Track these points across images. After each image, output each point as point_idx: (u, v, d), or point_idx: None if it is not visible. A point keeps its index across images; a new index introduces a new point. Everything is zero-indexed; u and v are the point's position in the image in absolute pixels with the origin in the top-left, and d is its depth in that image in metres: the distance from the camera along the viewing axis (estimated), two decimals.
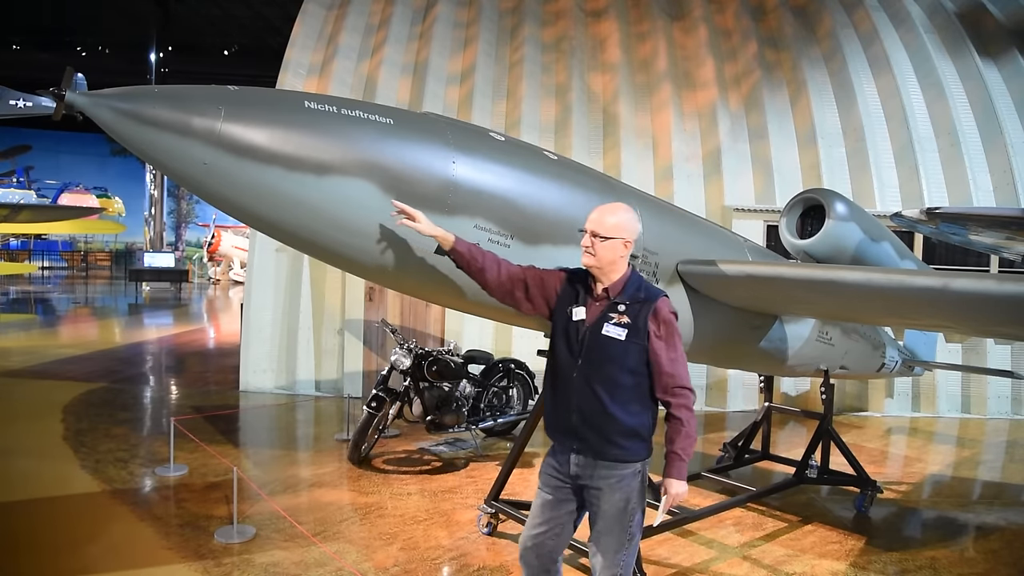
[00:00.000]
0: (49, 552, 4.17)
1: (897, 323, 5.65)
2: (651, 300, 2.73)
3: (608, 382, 2.69)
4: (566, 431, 2.77)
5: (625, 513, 2.73)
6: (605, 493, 2.73)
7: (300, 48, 9.98)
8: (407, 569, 4.06)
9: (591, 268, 2.76)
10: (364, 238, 2.87)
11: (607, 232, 2.72)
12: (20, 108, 17.82)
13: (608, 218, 2.75)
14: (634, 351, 2.68)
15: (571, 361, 2.75)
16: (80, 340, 13.02)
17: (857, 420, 8.81)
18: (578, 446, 2.75)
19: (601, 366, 2.69)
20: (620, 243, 2.74)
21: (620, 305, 2.72)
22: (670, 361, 2.70)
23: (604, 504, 2.73)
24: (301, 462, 6.18)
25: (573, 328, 2.77)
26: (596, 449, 2.72)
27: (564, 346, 2.79)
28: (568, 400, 2.75)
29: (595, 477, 2.73)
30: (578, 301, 2.81)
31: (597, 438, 2.71)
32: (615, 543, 2.73)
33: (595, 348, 2.70)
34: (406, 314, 8.62)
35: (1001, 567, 4.48)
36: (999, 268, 8.96)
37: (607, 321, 2.71)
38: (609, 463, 2.72)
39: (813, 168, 9.41)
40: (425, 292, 3.42)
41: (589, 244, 2.73)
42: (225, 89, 2.55)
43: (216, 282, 30.39)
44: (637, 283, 2.79)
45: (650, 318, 2.69)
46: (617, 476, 2.73)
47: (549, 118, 9.78)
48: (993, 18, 10.37)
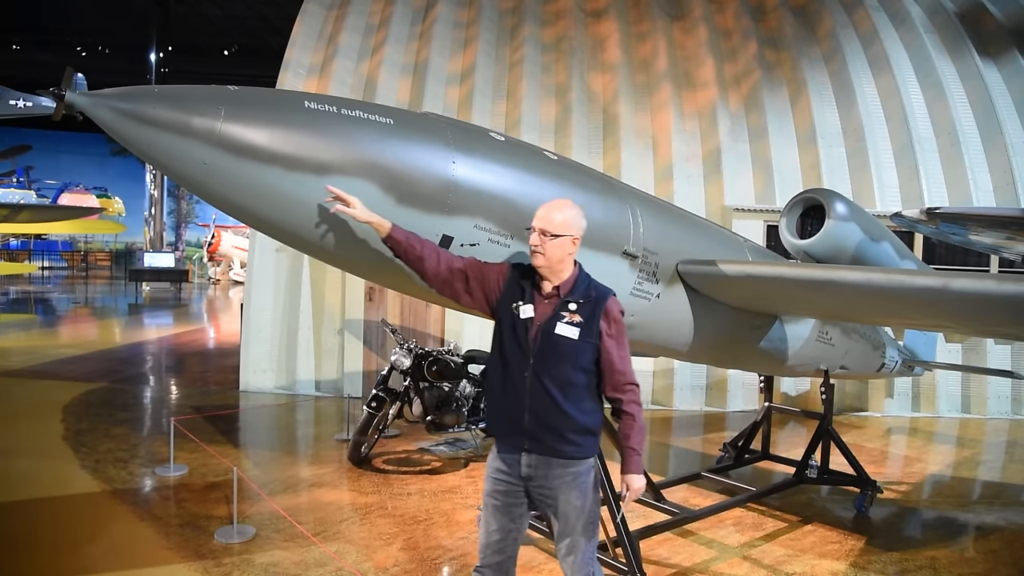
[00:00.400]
0: (49, 552, 4.17)
1: (897, 323, 5.65)
2: (602, 299, 2.75)
3: (561, 381, 2.68)
4: (517, 431, 2.74)
5: (584, 511, 2.74)
6: (562, 492, 2.72)
7: (300, 48, 9.98)
8: (407, 569, 4.06)
9: (540, 268, 2.75)
10: (363, 239, 2.87)
11: (556, 230, 2.71)
12: (20, 108, 17.82)
13: (556, 215, 2.73)
14: (587, 350, 2.70)
15: (522, 360, 2.72)
16: (80, 340, 13.02)
17: (857, 420, 8.81)
18: (530, 446, 2.72)
19: (554, 365, 2.68)
20: (569, 240, 2.74)
21: (572, 304, 2.72)
22: (620, 359, 2.73)
23: (562, 505, 2.73)
24: (301, 462, 6.19)
25: (521, 326, 2.75)
26: (551, 448, 2.70)
27: (512, 344, 2.75)
28: (520, 400, 2.71)
29: (550, 477, 2.72)
30: (524, 298, 2.78)
31: (551, 437, 2.70)
32: (583, 541, 2.75)
33: (548, 347, 2.69)
34: (406, 314, 8.62)
35: (1001, 567, 4.48)
36: (999, 268, 8.96)
37: (559, 320, 2.70)
38: (565, 461, 2.72)
39: (813, 168, 9.41)
40: (428, 295, 3.42)
41: (538, 243, 2.71)
42: (225, 89, 2.55)
43: (216, 282, 30.40)
44: (587, 281, 2.80)
45: (602, 317, 2.71)
46: (572, 474, 2.73)
47: (549, 118, 9.78)
48: (993, 18, 10.37)
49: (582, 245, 3.43)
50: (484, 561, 2.84)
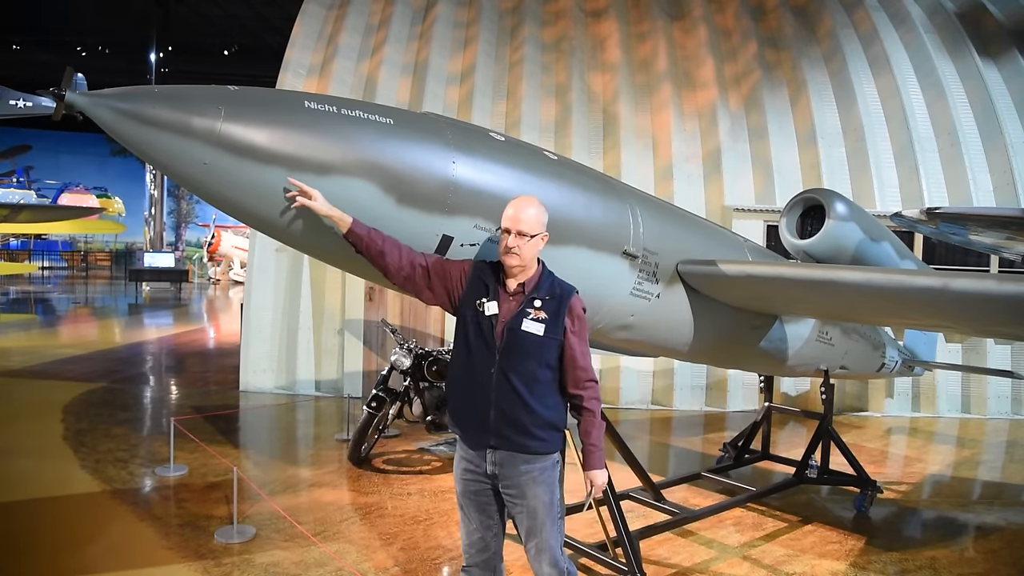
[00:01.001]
0: (49, 552, 4.17)
1: (897, 323, 5.65)
2: (566, 296, 2.78)
3: (527, 377, 2.71)
4: (482, 429, 2.76)
5: (552, 505, 2.78)
6: (529, 488, 2.74)
7: (300, 48, 9.98)
8: (407, 569, 4.06)
9: (514, 267, 2.76)
10: None
11: (531, 230, 2.73)
12: (20, 108, 17.82)
13: (528, 213, 2.74)
14: (552, 346, 2.72)
15: (487, 357, 2.73)
16: (80, 340, 13.02)
17: (857, 420, 8.81)
18: (496, 442, 2.74)
19: (520, 361, 2.70)
20: (540, 238, 2.77)
21: (537, 300, 2.74)
22: (582, 355, 2.77)
23: (531, 500, 2.75)
24: (301, 462, 6.18)
25: (487, 323, 2.75)
26: (517, 443, 2.73)
27: (478, 342, 2.76)
28: (486, 397, 2.73)
29: (516, 473, 2.75)
30: (489, 295, 2.78)
31: (517, 433, 2.72)
32: (554, 535, 2.78)
33: (514, 343, 2.71)
34: (406, 314, 8.62)
35: (1001, 567, 4.48)
36: (999, 268, 8.96)
37: (525, 316, 2.72)
38: (531, 456, 2.74)
39: (813, 168, 9.41)
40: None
41: (515, 244, 2.71)
42: (225, 89, 2.55)
43: (216, 282, 30.39)
44: (550, 278, 2.83)
45: (567, 313, 2.75)
46: (538, 469, 2.75)
47: (549, 118, 9.78)
48: (993, 18, 10.37)
49: (582, 245, 3.44)
50: (469, 560, 2.89)
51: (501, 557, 2.92)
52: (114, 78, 6.31)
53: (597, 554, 3.91)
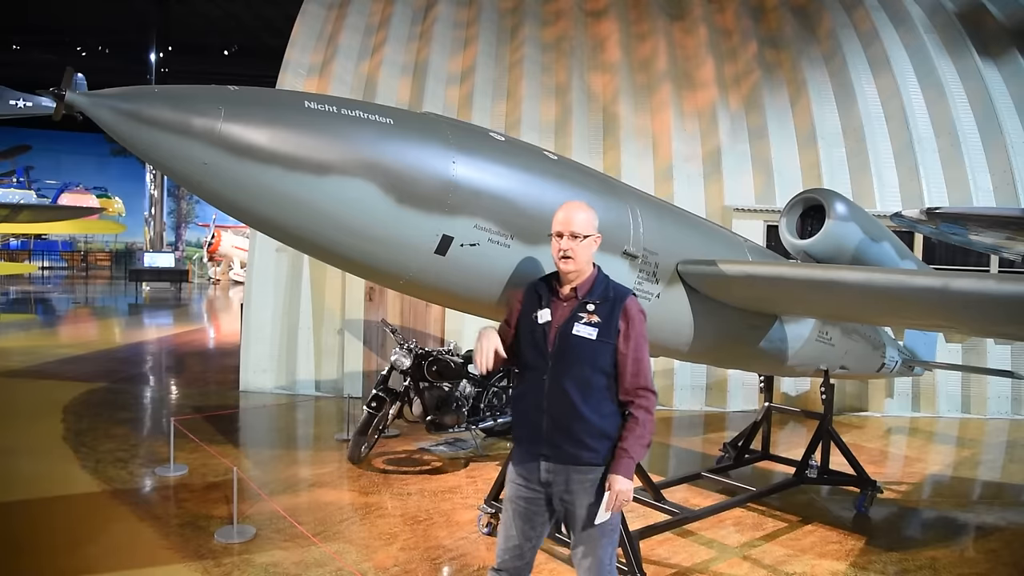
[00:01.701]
0: (49, 552, 4.17)
1: (897, 323, 5.65)
2: (621, 299, 2.71)
3: (580, 382, 2.65)
4: (536, 438, 2.71)
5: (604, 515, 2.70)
6: (579, 498, 2.67)
7: (300, 48, 9.98)
8: (407, 569, 4.06)
9: (570, 272, 2.72)
10: (364, 239, 2.87)
11: (583, 230, 2.70)
12: (20, 108, 17.84)
13: (578, 216, 2.72)
14: (605, 351, 2.66)
15: (541, 364, 2.70)
16: (80, 340, 13.02)
17: (857, 420, 8.81)
18: (548, 452, 2.69)
19: (572, 366, 2.65)
20: (593, 240, 2.74)
21: (590, 304, 2.69)
22: (636, 361, 2.68)
23: (579, 510, 2.68)
24: (301, 462, 6.18)
25: (540, 331, 2.72)
26: (569, 454, 2.66)
27: (532, 351, 2.74)
28: (539, 404, 2.70)
29: (569, 482, 2.68)
30: (542, 304, 2.77)
31: (569, 442, 2.66)
32: (601, 547, 2.70)
33: (566, 348, 2.66)
34: (406, 314, 8.62)
35: (1001, 567, 4.48)
36: (999, 268, 8.96)
37: (577, 321, 2.67)
38: (583, 467, 2.67)
39: (813, 168, 9.41)
40: (422, 294, 3.42)
41: (568, 247, 2.68)
42: (225, 89, 2.55)
43: (216, 282, 30.38)
44: (605, 282, 2.78)
45: (620, 317, 2.68)
46: (591, 480, 2.67)
47: (549, 118, 9.77)
48: (993, 18, 10.37)
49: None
50: (502, 564, 2.81)
51: (532, 567, 2.86)
52: (114, 78, 6.30)
53: None
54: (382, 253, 2.96)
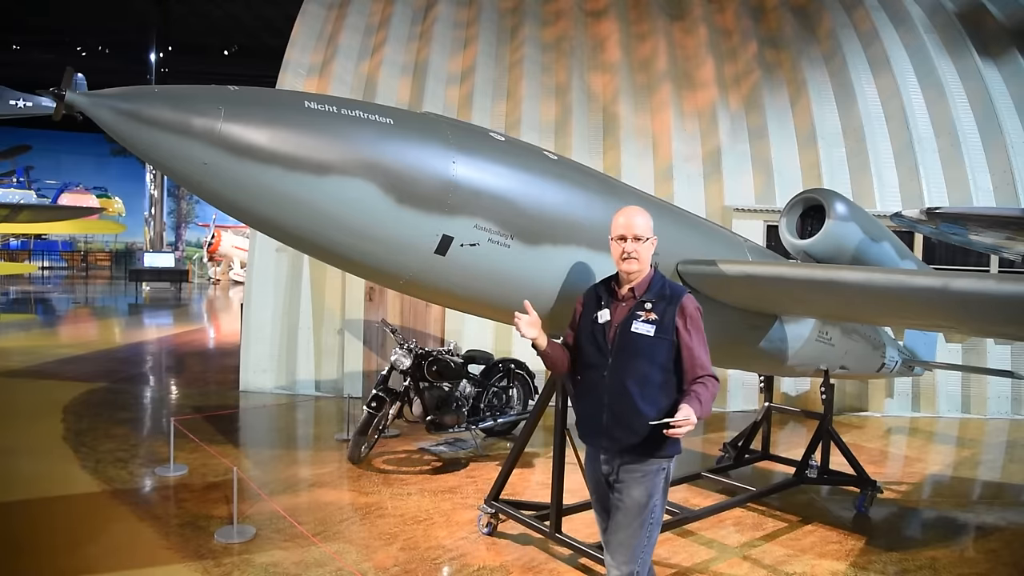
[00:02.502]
0: (49, 552, 4.17)
1: (897, 323, 5.65)
2: (677, 297, 2.84)
3: (639, 378, 2.76)
4: (597, 432, 2.85)
5: (645, 508, 2.77)
6: (628, 487, 2.79)
7: (300, 48, 9.98)
8: (407, 569, 4.06)
9: (632, 272, 2.86)
10: (364, 239, 2.87)
11: (644, 233, 2.86)
12: (20, 108, 17.84)
13: (639, 220, 2.88)
14: (663, 347, 2.77)
15: (601, 361, 2.84)
16: (80, 340, 13.02)
17: (857, 420, 8.81)
18: (607, 444, 2.83)
19: (631, 362, 2.77)
20: (651, 242, 2.91)
21: (647, 303, 2.83)
22: (699, 354, 2.80)
23: (627, 499, 2.79)
24: (301, 462, 6.18)
25: (599, 330, 2.88)
26: (625, 445, 2.79)
27: (592, 349, 2.89)
28: (600, 400, 2.82)
29: (620, 471, 2.82)
30: (601, 306, 2.91)
31: (625, 433, 2.78)
32: (632, 536, 2.77)
33: (625, 345, 2.79)
34: (406, 314, 8.62)
35: (1001, 567, 4.48)
36: (999, 268, 8.96)
37: (635, 319, 2.80)
38: (635, 457, 2.79)
39: (813, 168, 9.41)
40: (422, 294, 3.42)
41: (632, 249, 2.82)
42: (225, 89, 2.56)
43: (216, 282, 30.38)
44: (661, 281, 2.91)
45: (677, 314, 2.79)
46: (642, 471, 2.79)
47: (549, 118, 9.77)
48: (993, 18, 10.37)
49: (582, 245, 3.44)
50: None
51: None
52: (114, 78, 6.29)
53: (597, 554, 3.91)
54: (382, 253, 2.96)
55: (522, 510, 4.49)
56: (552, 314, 3.64)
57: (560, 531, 4.12)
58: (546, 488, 4.57)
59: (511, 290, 3.35)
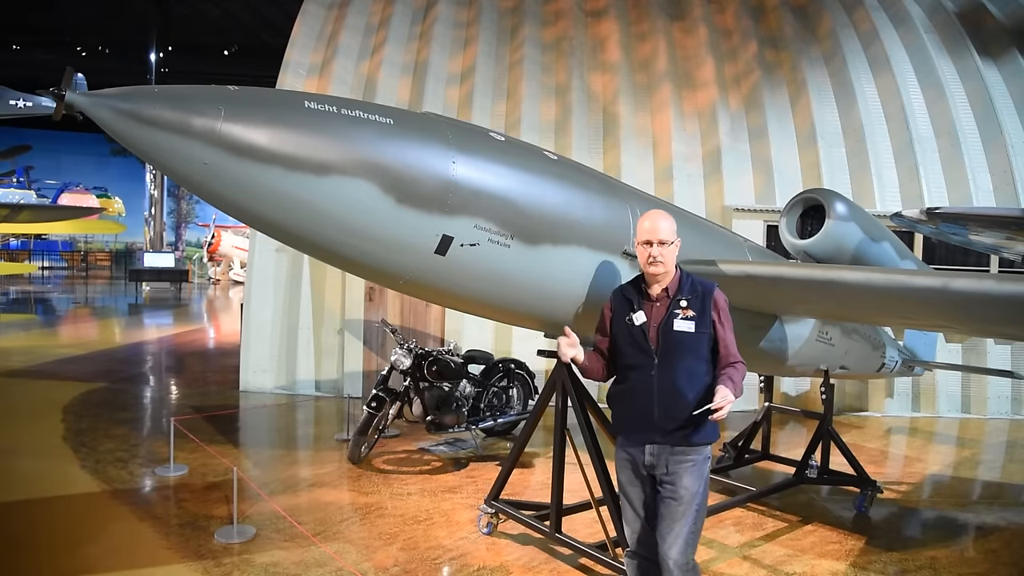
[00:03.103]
0: (49, 552, 4.17)
1: (897, 323, 5.65)
2: (709, 292, 2.96)
3: (687, 373, 2.88)
4: (645, 427, 2.92)
5: (697, 495, 2.87)
6: (680, 478, 2.86)
7: (300, 48, 9.98)
8: (407, 569, 4.06)
9: (659, 275, 2.95)
10: (364, 239, 2.87)
11: (669, 237, 2.94)
12: (20, 108, 17.84)
13: (663, 224, 2.95)
14: (703, 340, 2.91)
15: (645, 361, 2.91)
16: (80, 340, 13.02)
17: (857, 420, 8.81)
18: (659, 438, 2.90)
19: (679, 360, 2.87)
20: (675, 245, 2.97)
21: (683, 300, 2.92)
22: (731, 343, 2.96)
23: (680, 489, 2.86)
24: (301, 462, 6.18)
25: (638, 331, 2.95)
26: (678, 436, 2.86)
27: (634, 350, 2.95)
28: (649, 398, 2.89)
29: (671, 463, 2.88)
30: (633, 307, 2.97)
31: (678, 427, 2.86)
32: (689, 527, 2.85)
33: (670, 344, 2.88)
34: (406, 314, 8.62)
35: (1001, 567, 4.47)
36: (999, 268, 8.96)
37: (675, 317, 2.90)
38: (686, 448, 2.87)
39: (813, 168, 9.41)
40: (422, 294, 3.42)
41: (658, 253, 2.91)
42: (225, 89, 2.56)
43: (216, 282, 30.39)
44: (689, 279, 3.00)
45: (712, 308, 2.93)
46: (692, 460, 2.87)
47: (549, 118, 9.77)
48: (993, 18, 10.37)
49: (582, 245, 3.44)
50: (637, 547, 3.05)
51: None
52: (114, 78, 6.29)
53: (597, 554, 3.91)
54: (382, 253, 2.96)
55: (522, 510, 4.49)
56: (551, 314, 3.65)
57: (560, 531, 4.12)
58: (546, 488, 4.57)
59: (511, 290, 3.36)
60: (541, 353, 4.23)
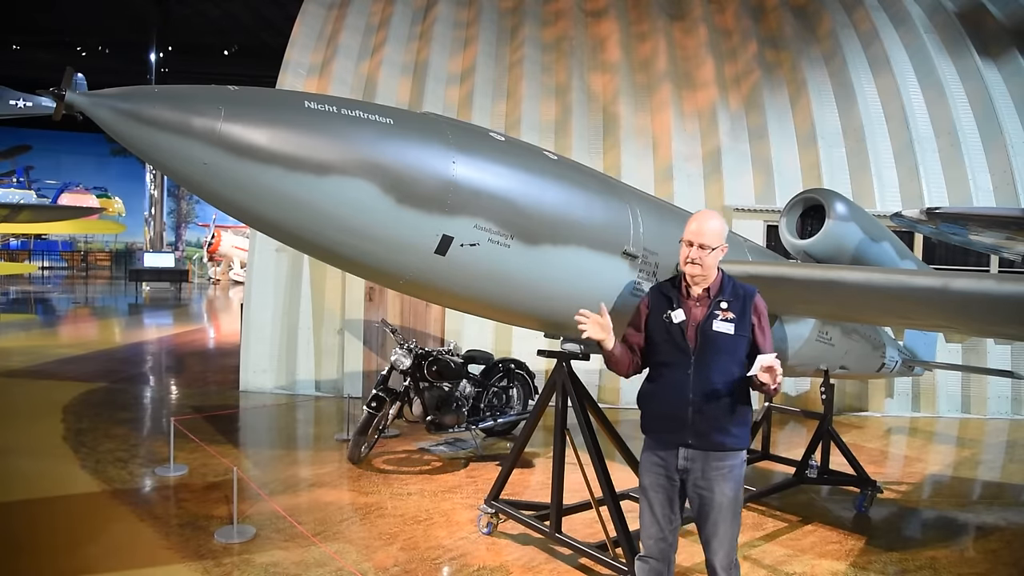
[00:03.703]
0: (49, 552, 4.17)
1: (897, 323, 5.65)
2: (750, 296, 2.93)
3: (724, 375, 2.84)
4: (678, 428, 2.86)
5: (736, 501, 2.84)
6: (717, 483, 2.82)
7: (300, 48, 9.98)
8: (407, 569, 4.06)
9: (696, 276, 2.91)
10: (364, 239, 2.87)
11: (712, 242, 2.88)
12: (20, 108, 17.84)
13: (710, 226, 2.89)
14: (742, 343, 2.87)
15: (681, 359, 2.87)
16: (80, 340, 13.02)
17: (857, 420, 8.81)
18: (693, 441, 2.84)
19: (716, 359, 2.83)
20: (720, 250, 2.92)
21: (723, 302, 2.89)
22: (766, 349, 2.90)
23: (717, 495, 2.82)
24: (301, 462, 6.18)
25: (676, 330, 2.90)
26: (713, 441, 2.82)
27: (670, 348, 2.91)
28: (683, 398, 2.85)
29: (707, 469, 2.84)
30: (673, 306, 2.93)
31: (712, 430, 2.82)
32: (732, 531, 2.84)
33: (708, 344, 2.84)
34: (406, 314, 8.62)
35: (1001, 567, 4.48)
36: (999, 268, 8.96)
37: (714, 318, 2.87)
38: (723, 453, 2.83)
39: (813, 168, 9.41)
40: (422, 294, 3.42)
41: (697, 256, 2.86)
42: (225, 89, 2.55)
43: (216, 282, 30.40)
44: (731, 281, 2.97)
45: (752, 312, 2.90)
46: (728, 466, 2.84)
47: (549, 118, 9.77)
48: (993, 18, 10.37)
49: (582, 245, 3.44)
50: (648, 551, 2.96)
51: (675, 550, 3.00)
52: (114, 78, 6.29)
53: (597, 554, 3.91)
54: (382, 253, 2.96)
55: (522, 510, 4.49)
56: (551, 314, 3.64)
57: (560, 531, 4.12)
58: (546, 488, 4.57)
59: (511, 290, 3.35)
60: (541, 353, 4.22)
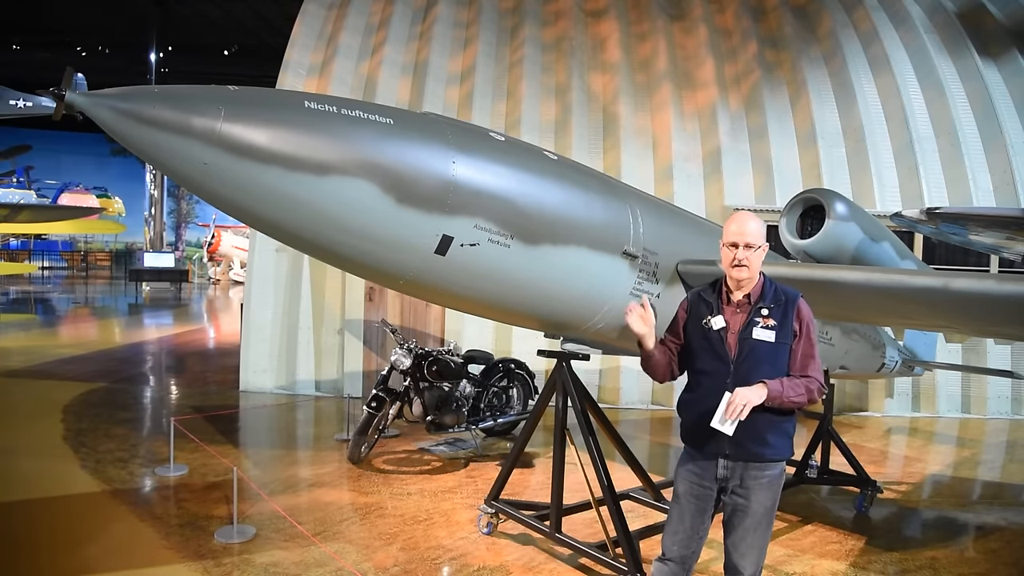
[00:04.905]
0: (49, 552, 4.17)
1: (897, 323, 5.65)
2: (792, 301, 2.81)
3: None
4: (717, 439, 2.75)
5: (771, 511, 2.80)
6: (755, 493, 2.77)
7: (300, 48, 9.98)
8: (407, 569, 4.05)
9: (743, 280, 2.80)
10: (364, 239, 2.87)
11: (756, 241, 2.77)
12: (20, 108, 17.83)
13: (751, 226, 2.79)
14: (784, 351, 2.76)
15: (721, 368, 2.77)
16: (80, 340, 13.02)
17: (857, 420, 8.81)
18: (731, 451, 2.76)
19: (756, 368, 2.72)
20: (763, 250, 2.81)
21: (764, 309, 2.78)
22: (804, 356, 2.78)
23: (754, 504, 2.77)
24: (301, 462, 6.18)
25: (715, 337, 2.80)
26: (752, 452, 2.75)
27: (709, 356, 2.81)
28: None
29: (746, 478, 2.78)
30: (713, 312, 2.84)
31: (753, 441, 2.74)
32: (762, 540, 2.80)
33: (748, 352, 2.75)
34: (406, 314, 8.62)
35: (1001, 567, 4.47)
36: (999, 268, 8.96)
37: (755, 325, 2.76)
38: (763, 463, 2.76)
39: (813, 168, 9.41)
40: (422, 294, 3.42)
41: (744, 256, 2.76)
42: (225, 89, 2.56)
43: (216, 282, 30.40)
44: (773, 286, 2.86)
45: (794, 318, 2.78)
46: (768, 476, 2.78)
47: (549, 118, 9.78)
48: (993, 18, 10.37)
49: (582, 245, 3.44)
50: (670, 554, 2.92)
51: (697, 559, 2.95)
52: (114, 78, 6.29)
53: (597, 554, 3.91)
54: (382, 253, 2.96)
55: (522, 510, 4.49)
56: (551, 314, 3.65)
57: (560, 531, 4.12)
58: (546, 488, 4.57)
59: (511, 290, 3.36)
60: (541, 353, 4.23)
